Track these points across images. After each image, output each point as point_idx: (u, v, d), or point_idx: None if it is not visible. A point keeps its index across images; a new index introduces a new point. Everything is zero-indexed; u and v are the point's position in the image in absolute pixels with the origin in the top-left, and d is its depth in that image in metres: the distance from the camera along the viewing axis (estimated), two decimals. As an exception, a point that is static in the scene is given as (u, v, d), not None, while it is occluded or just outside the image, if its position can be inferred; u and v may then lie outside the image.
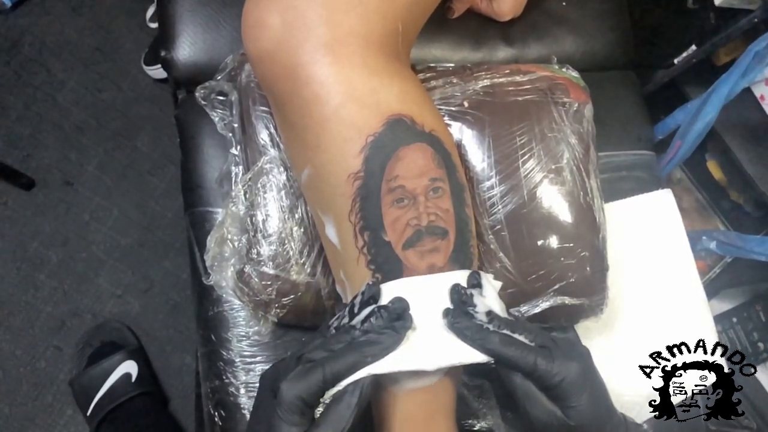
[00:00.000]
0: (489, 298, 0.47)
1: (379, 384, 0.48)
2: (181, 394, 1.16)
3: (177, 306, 1.21)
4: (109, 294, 1.20)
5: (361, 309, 0.45)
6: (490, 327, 0.44)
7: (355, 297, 0.47)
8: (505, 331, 0.44)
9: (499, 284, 0.50)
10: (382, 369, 0.42)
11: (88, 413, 1.07)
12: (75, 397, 1.10)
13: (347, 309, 0.47)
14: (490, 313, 0.45)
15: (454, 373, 0.50)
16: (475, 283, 0.47)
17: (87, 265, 1.21)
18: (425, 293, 0.46)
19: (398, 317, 0.44)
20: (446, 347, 0.44)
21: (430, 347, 0.44)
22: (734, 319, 1.07)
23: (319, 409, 0.42)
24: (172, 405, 1.16)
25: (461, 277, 0.47)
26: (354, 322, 0.45)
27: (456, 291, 0.46)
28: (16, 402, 1.12)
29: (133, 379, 1.09)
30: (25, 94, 1.27)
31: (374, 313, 0.44)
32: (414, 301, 0.45)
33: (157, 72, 1.31)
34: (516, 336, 0.44)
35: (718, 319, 1.08)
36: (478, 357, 0.43)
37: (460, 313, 0.44)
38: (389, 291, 0.46)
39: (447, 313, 0.45)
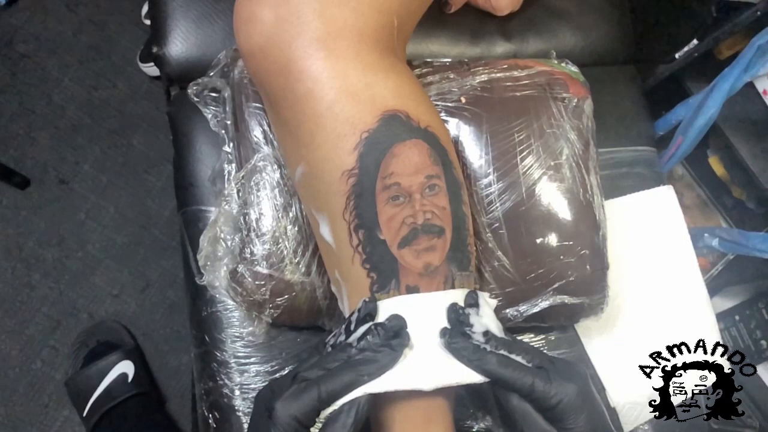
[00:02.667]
0: (486, 317, 0.46)
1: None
2: (178, 394, 1.15)
3: (174, 305, 1.20)
4: (105, 293, 1.19)
5: (357, 326, 0.45)
6: (488, 347, 0.44)
7: (351, 314, 0.46)
8: (502, 352, 0.44)
9: (494, 302, 0.50)
10: (379, 388, 0.42)
11: (85, 414, 1.06)
12: (71, 398, 1.09)
13: (344, 326, 0.46)
14: (487, 333, 0.45)
15: None
16: (473, 302, 0.47)
17: (83, 265, 1.20)
18: (422, 311, 0.45)
19: (395, 335, 0.43)
20: (443, 367, 0.43)
21: (427, 367, 0.43)
22: (737, 317, 1.06)
23: (315, 430, 0.41)
24: (169, 405, 1.15)
25: (458, 296, 0.47)
26: (350, 339, 0.44)
27: (453, 311, 0.45)
28: (11, 403, 1.11)
29: (130, 380, 1.08)
30: (20, 93, 1.26)
31: (371, 330, 0.43)
32: (411, 319, 0.44)
33: (152, 69, 1.29)
34: (513, 357, 0.44)
35: (721, 317, 1.07)
36: (475, 377, 0.43)
37: (457, 333, 0.44)
38: (386, 308, 0.45)
39: (444, 333, 0.44)
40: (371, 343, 0.43)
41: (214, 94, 0.66)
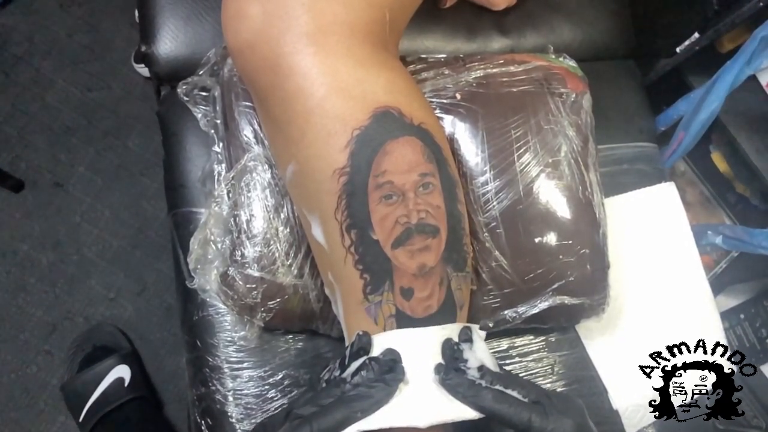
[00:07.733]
0: (480, 351, 0.46)
1: None
2: (176, 398, 1.14)
3: (171, 308, 1.19)
4: (101, 297, 1.18)
5: (351, 361, 0.44)
6: (483, 382, 0.43)
7: (346, 348, 0.46)
8: (498, 387, 0.43)
9: (484, 333, 0.50)
10: (372, 425, 0.41)
11: (81, 419, 1.05)
12: (67, 403, 1.07)
13: (338, 361, 0.46)
14: (482, 368, 0.44)
15: None
16: (467, 337, 0.46)
17: (78, 268, 1.18)
18: (416, 346, 0.45)
19: (390, 369, 0.43)
20: (438, 404, 0.43)
21: (422, 403, 0.43)
22: (741, 316, 1.05)
23: None
24: (166, 409, 1.14)
25: (453, 330, 0.46)
26: (345, 374, 0.44)
27: (448, 347, 0.45)
28: (7, 408, 1.10)
29: (126, 384, 1.06)
30: (13, 94, 1.25)
31: (365, 365, 0.43)
32: (405, 353, 0.44)
33: (147, 70, 1.28)
34: (509, 392, 0.43)
35: (725, 315, 1.05)
36: (470, 414, 0.43)
37: (451, 369, 0.43)
38: (380, 342, 0.45)
39: (439, 369, 0.44)
40: (365, 378, 0.42)
41: (203, 93, 0.65)
